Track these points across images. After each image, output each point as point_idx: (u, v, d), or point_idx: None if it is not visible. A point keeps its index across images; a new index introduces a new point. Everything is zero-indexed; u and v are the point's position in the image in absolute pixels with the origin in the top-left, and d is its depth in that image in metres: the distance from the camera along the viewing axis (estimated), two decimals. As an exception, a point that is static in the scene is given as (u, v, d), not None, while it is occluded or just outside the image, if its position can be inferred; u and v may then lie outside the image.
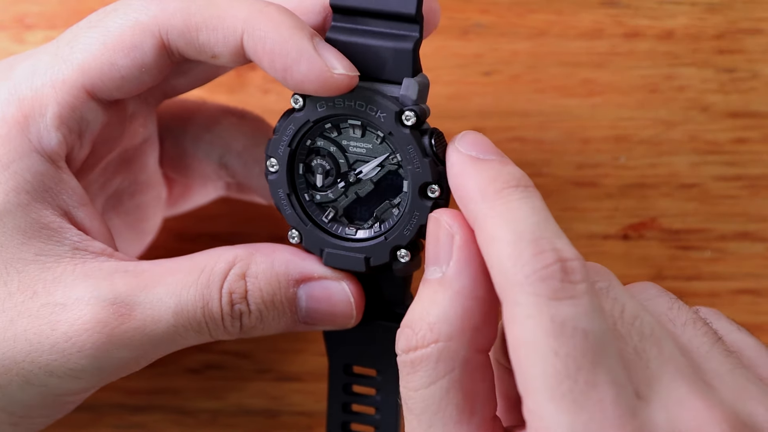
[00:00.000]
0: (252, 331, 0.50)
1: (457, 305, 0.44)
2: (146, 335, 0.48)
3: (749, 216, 0.61)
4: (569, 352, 0.40)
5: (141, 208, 0.57)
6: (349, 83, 0.47)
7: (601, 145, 0.61)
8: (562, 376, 0.40)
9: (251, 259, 0.49)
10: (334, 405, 0.54)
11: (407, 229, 0.49)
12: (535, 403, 0.40)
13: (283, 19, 0.47)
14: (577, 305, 0.41)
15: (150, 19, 0.48)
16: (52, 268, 0.49)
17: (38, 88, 0.49)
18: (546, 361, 0.40)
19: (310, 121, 0.49)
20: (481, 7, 0.61)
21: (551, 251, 0.41)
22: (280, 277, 0.49)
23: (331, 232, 0.50)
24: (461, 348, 0.44)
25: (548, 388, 0.40)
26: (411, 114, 0.47)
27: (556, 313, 0.41)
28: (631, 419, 0.40)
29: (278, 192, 0.50)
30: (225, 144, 0.56)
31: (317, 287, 0.50)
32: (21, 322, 0.48)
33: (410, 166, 0.48)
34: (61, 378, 0.49)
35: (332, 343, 0.53)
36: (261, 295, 0.49)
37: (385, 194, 0.50)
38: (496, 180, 0.44)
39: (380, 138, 0.49)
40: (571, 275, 0.41)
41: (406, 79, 0.48)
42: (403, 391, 0.44)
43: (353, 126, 0.49)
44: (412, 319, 0.44)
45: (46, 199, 0.49)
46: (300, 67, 0.47)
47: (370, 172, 0.50)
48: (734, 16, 0.61)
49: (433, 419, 0.43)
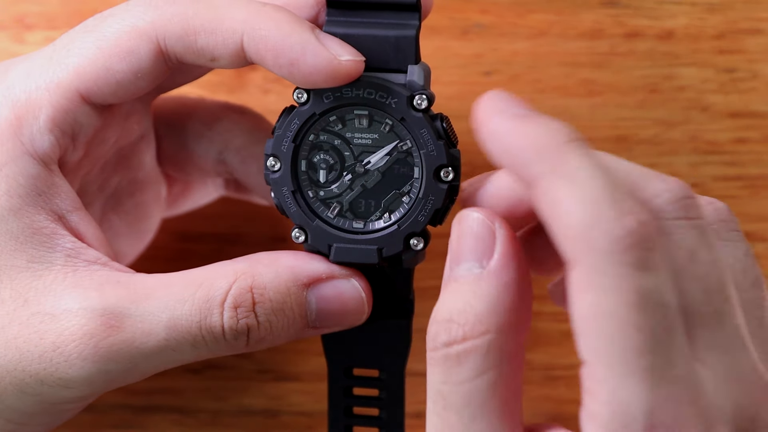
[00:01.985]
0: (260, 342, 0.49)
1: (507, 297, 0.43)
2: (136, 348, 0.48)
3: (749, 216, 0.61)
4: (652, 328, 0.39)
5: (141, 207, 0.56)
6: (357, 68, 0.47)
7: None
8: (643, 352, 0.39)
9: (254, 271, 0.48)
10: (336, 410, 0.54)
11: (422, 215, 0.49)
12: (608, 375, 0.39)
13: (282, 17, 0.47)
14: (658, 276, 0.40)
15: (147, 25, 0.48)
16: (43, 276, 0.48)
17: (32, 90, 0.49)
18: (628, 335, 0.39)
19: (317, 114, 0.49)
20: (481, 7, 0.61)
21: (632, 215, 0.39)
22: (288, 283, 0.49)
23: (339, 227, 0.50)
24: (510, 342, 0.43)
25: (627, 362, 0.39)
26: (422, 98, 0.48)
27: (642, 285, 0.39)
28: (701, 393, 0.40)
29: (282, 190, 0.50)
30: (224, 141, 0.56)
31: (327, 288, 0.49)
32: (12, 330, 0.48)
33: (424, 150, 0.48)
34: (52, 387, 0.48)
35: (331, 346, 0.53)
36: (271, 305, 0.48)
37: (393, 183, 0.50)
38: (553, 137, 0.41)
39: (388, 126, 0.49)
40: (651, 242, 0.40)
41: (411, 66, 0.48)
42: (442, 387, 0.43)
43: (359, 116, 0.49)
44: (453, 312, 0.43)
45: (39, 203, 0.49)
46: (306, 59, 0.47)
47: (379, 162, 0.50)
48: (734, 16, 0.61)
49: (477, 413, 0.42)
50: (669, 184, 0.42)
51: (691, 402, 0.40)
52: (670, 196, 0.42)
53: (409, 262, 0.50)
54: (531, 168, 0.41)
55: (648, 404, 0.39)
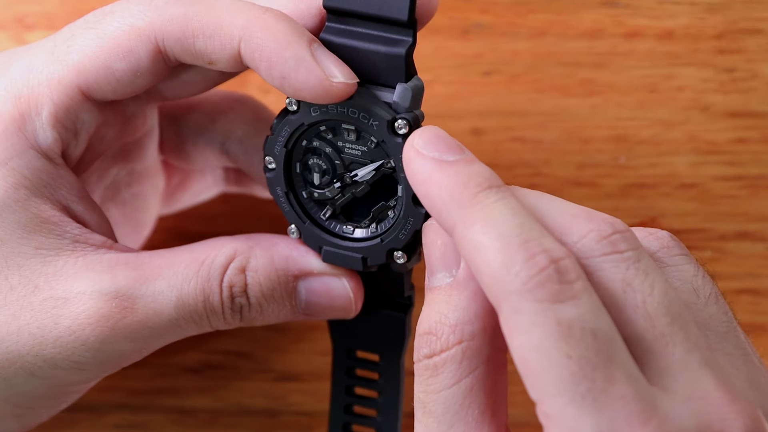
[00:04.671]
0: (252, 321, 0.50)
1: (476, 305, 0.43)
2: (148, 328, 0.49)
3: (749, 216, 0.61)
4: (582, 354, 0.40)
5: (139, 197, 0.57)
6: (347, 91, 0.47)
7: (601, 145, 0.61)
8: (578, 378, 0.39)
9: (251, 253, 0.50)
10: (338, 388, 0.55)
11: (402, 234, 0.49)
12: (553, 408, 0.40)
13: (281, 27, 0.47)
14: (579, 305, 0.40)
15: (146, 25, 0.48)
16: (52, 261, 0.49)
17: (34, 86, 0.49)
18: (560, 364, 0.39)
19: (305, 124, 0.49)
20: (481, 7, 0.61)
21: (542, 253, 0.41)
22: (279, 272, 0.50)
23: (329, 230, 0.50)
24: (484, 346, 0.43)
25: (566, 391, 0.39)
26: (403, 123, 0.47)
27: (562, 316, 0.40)
28: (654, 413, 0.40)
29: (276, 189, 0.50)
30: (226, 131, 0.56)
31: (317, 282, 0.50)
32: (24, 316, 0.49)
33: (403, 173, 0.47)
34: (65, 370, 0.49)
35: (335, 325, 0.54)
36: (261, 289, 0.49)
37: (381, 196, 0.50)
38: (467, 184, 0.42)
39: (374, 143, 0.49)
40: (567, 275, 0.40)
41: (399, 84, 0.47)
42: (422, 396, 0.44)
43: (347, 129, 0.49)
44: (431, 325, 0.44)
45: (45, 194, 0.49)
46: (298, 75, 0.47)
47: (366, 175, 0.50)
48: (734, 16, 0.61)
49: (455, 419, 0.43)
50: (594, 223, 0.43)
51: (645, 422, 0.39)
52: (596, 234, 0.42)
53: (399, 267, 0.50)
54: (446, 216, 0.43)
55: (596, 428, 0.39)
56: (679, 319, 0.42)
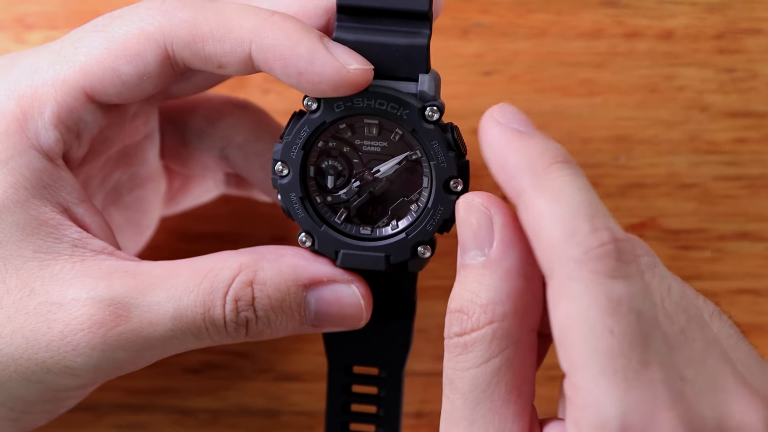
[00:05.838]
0: (259, 335, 0.49)
1: (508, 285, 0.44)
2: (142, 338, 0.48)
3: (749, 216, 0.61)
4: (624, 331, 0.41)
5: (140, 201, 0.57)
6: (365, 77, 0.47)
7: (601, 145, 0.61)
8: (615, 353, 0.40)
9: (257, 266, 0.49)
10: (334, 406, 0.54)
11: (430, 224, 0.49)
12: (584, 379, 0.41)
13: (291, 26, 0.47)
14: (631, 285, 0.41)
15: (155, 29, 0.48)
16: (50, 265, 0.49)
17: (38, 86, 0.49)
18: (601, 337, 0.41)
19: (326, 122, 0.49)
20: (481, 7, 0.61)
21: (606, 230, 0.42)
22: (289, 282, 0.49)
23: (347, 233, 0.50)
24: (514, 327, 0.44)
25: (601, 365, 0.40)
26: (434, 109, 0.48)
27: (612, 291, 0.41)
28: (680, 402, 0.41)
29: (290, 196, 0.50)
30: (226, 136, 0.56)
31: (327, 291, 0.50)
32: (18, 320, 0.48)
33: (434, 161, 0.48)
34: (58, 375, 0.49)
35: (332, 344, 0.53)
36: (269, 302, 0.49)
37: (402, 191, 0.50)
38: (543, 155, 0.44)
39: (398, 135, 0.49)
40: (625, 255, 0.42)
41: (422, 75, 0.48)
42: (450, 372, 0.45)
43: (369, 125, 0.49)
44: (462, 303, 0.44)
45: (45, 195, 0.49)
46: (314, 68, 0.47)
47: (388, 170, 0.49)
48: (734, 16, 0.61)
49: (481, 397, 0.44)
50: None
51: (669, 408, 0.41)
52: None
53: (415, 267, 0.50)
54: (517, 181, 0.43)
55: (622, 405, 0.40)
56: (696, 318, 0.43)
